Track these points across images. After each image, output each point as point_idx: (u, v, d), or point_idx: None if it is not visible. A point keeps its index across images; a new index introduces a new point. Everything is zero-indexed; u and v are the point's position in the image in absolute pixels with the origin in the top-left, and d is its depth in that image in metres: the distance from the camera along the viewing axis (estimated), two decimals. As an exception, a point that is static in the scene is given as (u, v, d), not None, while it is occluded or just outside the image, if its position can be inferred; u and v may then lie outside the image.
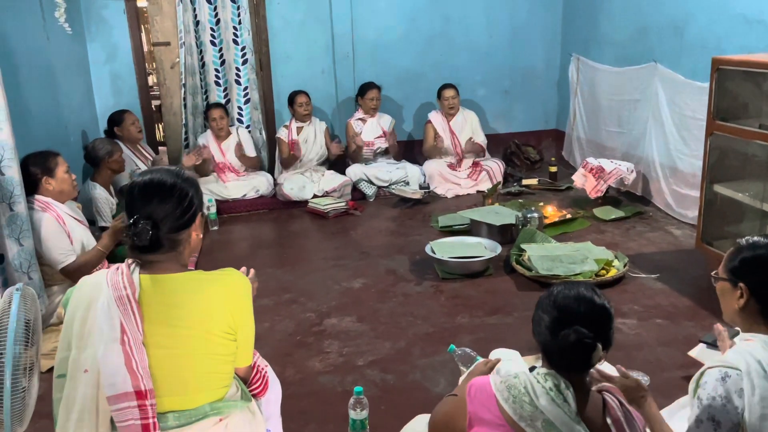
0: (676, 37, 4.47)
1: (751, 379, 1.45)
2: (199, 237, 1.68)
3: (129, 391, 1.49)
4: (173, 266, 1.60)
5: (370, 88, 5.51)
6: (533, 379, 1.49)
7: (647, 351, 2.89)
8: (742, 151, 3.48)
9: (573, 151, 5.98)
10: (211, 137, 5.34)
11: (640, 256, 3.93)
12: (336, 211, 4.98)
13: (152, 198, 1.56)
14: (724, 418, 1.46)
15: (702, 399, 1.50)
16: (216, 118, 5.22)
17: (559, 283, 1.61)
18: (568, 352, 1.46)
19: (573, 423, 1.42)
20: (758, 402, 1.43)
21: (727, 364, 1.50)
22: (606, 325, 1.50)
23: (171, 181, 1.59)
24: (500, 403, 1.48)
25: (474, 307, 3.37)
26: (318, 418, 2.50)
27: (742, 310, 1.57)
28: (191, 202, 1.60)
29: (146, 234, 1.52)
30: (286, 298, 3.59)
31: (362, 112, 5.60)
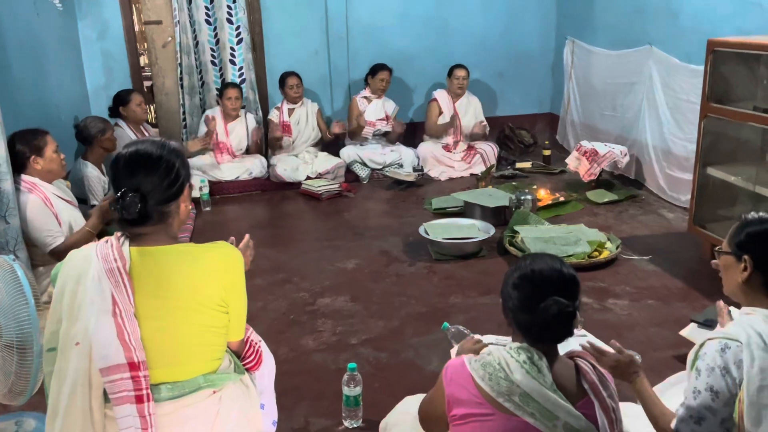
0: (670, 19, 4.46)
1: (750, 351, 1.46)
2: (188, 208, 1.67)
3: (122, 363, 1.48)
4: (163, 238, 1.59)
5: (382, 69, 5.47)
6: (506, 354, 1.51)
7: (639, 331, 2.91)
8: (735, 133, 3.49)
9: (567, 134, 5.98)
10: (219, 115, 5.29)
11: (633, 239, 3.94)
12: (329, 193, 4.96)
13: (138, 170, 1.54)
14: (723, 388, 1.47)
15: (701, 370, 1.51)
16: (232, 98, 5.18)
17: (519, 259, 1.63)
18: (550, 324, 1.48)
19: (549, 393, 1.45)
20: (757, 373, 1.44)
21: (728, 335, 1.51)
22: (577, 292, 1.53)
23: (157, 152, 1.57)
24: (477, 382, 1.50)
25: (467, 288, 3.38)
26: (312, 394, 2.51)
27: (745, 283, 1.58)
28: (178, 173, 1.58)
29: (134, 207, 1.50)
30: (279, 277, 3.59)
31: (369, 92, 5.55)
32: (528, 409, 1.45)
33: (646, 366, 2.60)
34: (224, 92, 5.23)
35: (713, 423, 1.48)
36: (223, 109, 5.26)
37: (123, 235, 1.58)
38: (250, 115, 5.46)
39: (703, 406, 1.49)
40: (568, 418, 1.45)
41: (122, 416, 1.47)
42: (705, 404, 1.49)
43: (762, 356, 1.45)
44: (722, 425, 1.48)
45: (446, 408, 1.57)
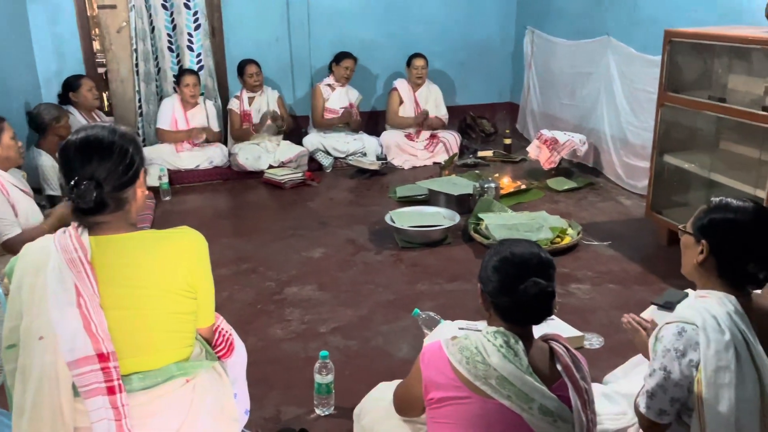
0: (628, 10, 4.56)
1: (706, 334, 1.51)
2: (144, 194, 1.63)
3: (90, 355, 1.44)
4: (122, 226, 1.55)
5: (347, 57, 5.43)
6: (483, 338, 1.53)
7: (601, 314, 2.99)
8: (690, 122, 3.60)
9: (527, 123, 6.07)
10: (177, 103, 5.17)
11: (593, 225, 4.04)
12: (293, 182, 4.92)
13: (91, 157, 1.49)
14: (675, 369, 1.53)
15: (658, 351, 1.58)
16: (189, 85, 5.07)
17: (496, 244, 1.66)
18: (531, 305, 1.52)
19: (525, 376, 1.48)
20: (713, 355, 1.50)
21: (684, 319, 1.57)
22: (554, 274, 1.57)
23: (109, 137, 1.52)
24: (454, 366, 1.52)
25: (434, 275, 3.40)
26: (282, 383, 2.50)
27: (701, 265, 1.63)
28: (132, 158, 1.54)
29: (90, 194, 1.46)
30: (244, 267, 3.55)
31: (333, 79, 5.51)
32: (504, 392, 1.47)
33: (608, 347, 2.70)
34: (181, 79, 5.12)
35: (663, 400, 1.56)
36: (181, 96, 5.15)
37: (80, 225, 1.53)
38: (209, 102, 5.36)
39: (656, 384, 1.56)
40: (543, 400, 1.48)
41: (94, 409, 1.43)
42: (658, 382, 1.56)
43: (717, 338, 1.50)
44: (672, 404, 1.56)
45: (423, 391, 1.58)
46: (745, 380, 1.49)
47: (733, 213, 1.59)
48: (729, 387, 1.48)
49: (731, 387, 1.48)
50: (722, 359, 1.49)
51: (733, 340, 1.50)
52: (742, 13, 3.55)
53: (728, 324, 1.51)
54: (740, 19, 3.55)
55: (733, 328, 1.51)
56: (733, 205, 1.61)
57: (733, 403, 1.47)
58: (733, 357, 1.49)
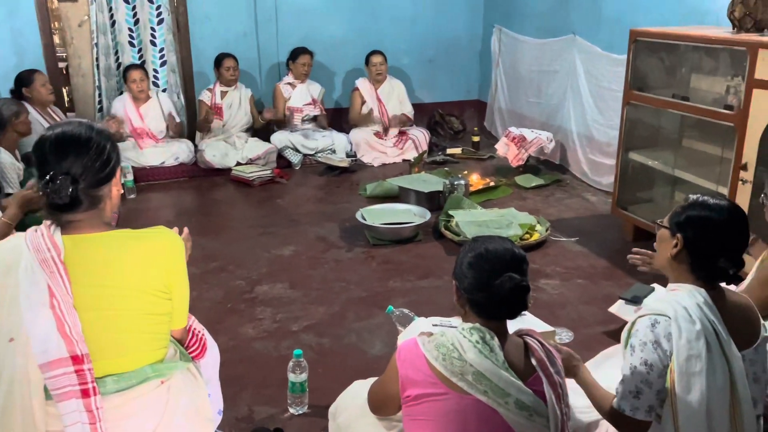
0: (594, 10, 4.64)
1: (678, 324, 1.55)
2: (120, 192, 1.61)
3: (64, 357, 1.41)
4: (96, 225, 1.52)
5: (303, 53, 5.39)
6: (459, 335, 1.54)
7: (570, 309, 3.04)
8: (655, 120, 3.68)
9: (494, 121, 6.12)
10: (128, 100, 5.07)
11: (560, 221, 4.10)
12: (262, 179, 4.87)
13: (68, 152, 1.46)
14: (655, 361, 1.56)
15: (635, 346, 1.59)
16: (136, 80, 4.97)
17: (470, 241, 1.66)
18: (507, 299, 1.53)
19: (501, 371, 1.49)
20: (685, 344, 1.54)
21: (657, 311, 1.60)
22: (526, 268, 1.59)
23: (86, 133, 1.49)
24: (430, 362, 1.52)
25: (405, 272, 3.41)
26: (255, 382, 2.48)
27: (674, 258, 1.66)
28: (110, 155, 1.52)
29: (66, 190, 1.42)
30: (213, 266, 3.50)
31: (292, 77, 5.47)
32: (481, 388, 1.48)
33: (578, 341, 2.74)
34: (127, 75, 5.02)
35: (650, 395, 1.57)
36: (130, 93, 5.05)
37: (53, 224, 1.49)
38: (163, 95, 5.25)
39: (640, 380, 1.57)
40: (519, 395, 1.49)
41: (67, 412, 1.39)
42: (641, 378, 1.57)
43: (688, 328, 1.54)
44: (658, 396, 1.57)
45: (400, 389, 1.58)
46: (716, 370, 1.53)
47: (709, 211, 1.64)
48: (700, 375, 1.52)
49: (702, 375, 1.52)
50: (693, 348, 1.53)
51: (704, 330, 1.54)
52: (704, 13, 3.64)
53: (698, 315, 1.56)
54: (703, 19, 3.64)
55: (704, 319, 1.55)
56: (710, 203, 1.65)
57: (704, 391, 1.51)
58: (703, 346, 1.53)
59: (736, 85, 3.02)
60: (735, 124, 2.91)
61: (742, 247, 1.63)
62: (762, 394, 1.65)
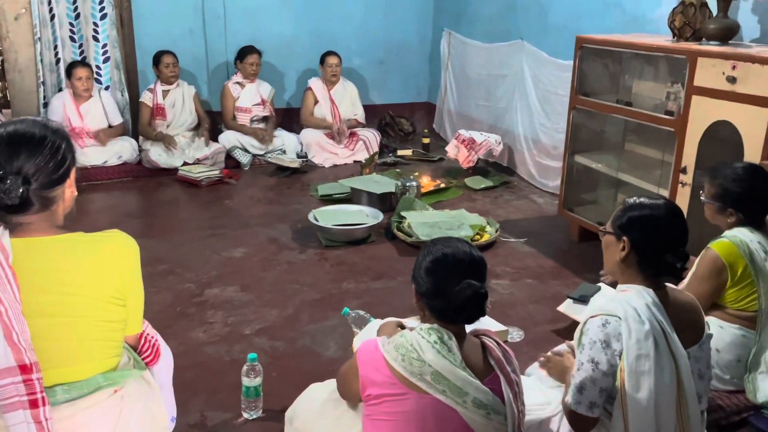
0: (540, 16, 4.75)
1: (628, 325, 1.61)
2: (74, 194, 1.55)
3: (11, 366, 1.34)
4: (47, 228, 1.46)
5: (251, 53, 5.31)
6: (418, 336, 1.55)
7: (520, 308, 3.10)
8: (599, 124, 3.80)
9: (444, 123, 6.19)
10: (69, 97, 4.89)
11: (509, 222, 4.18)
12: (210, 180, 4.78)
13: (20, 151, 1.39)
14: (602, 360, 1.61)
15: (584, 344, 1.65)
16: (82, 78, 4.80)
17: (428, 243, 1.66)
18: (465, 306, 1.53)
19: (459, 370, 1.51)
20: (634, 344, 1.59)
21: (608, 312, 1.65)
22: (485, 272, 1.60)
23: (40, 132, 1.43)
24: (389, 363, 1.53)
25: (359, 273, 3.41)
26: (207, 388, 2.42)
27: (623, 261, 1.72)
28: (65, 155, 1.46)
29: (16, 191, 1.36)
30: (161, 269, 3.41)
31: (241, 77, 5.38)
32: (439, 387, 1.50)
33: (528, 340, 2.80)
34: (72, 72, 4.84)
35: (593, 391, 1.62)
36: (73, 90, 4.87)
37: (1, 226, 1.42)
38: (105, 93, 5.10)
39: (585, 376, 1.63)
40: (476, 393, 1.51)
41: (14, 423, 1.33)
42: (587, 375, 1.63)
43: (638, 328, 1.60)
44: (601, 394, 1.63)
45: (360, 388, 1.59)
46: (663, 368, 1.59)
47: (649, 209, 1.71)
48: (648, 374, 1.58)
49: (650, 374, 1.57)
50: (642, 348, 1.59)
51: (652, 330, 1.60)
52: (647, 22, 3.79)
53: (647, 315, 1.62)
54: (645, 27, 3.79)
55: (652, 319, 1.62)
56: (647, 202, 1.72)
57: (652, 389, 1.57)
58: (652, 345, 1.59)
59: (676, 92, 3.15)
60: (675, 129, 3.03)
61: (684, 241, 1.70)
62: (706, 390, 1.73)
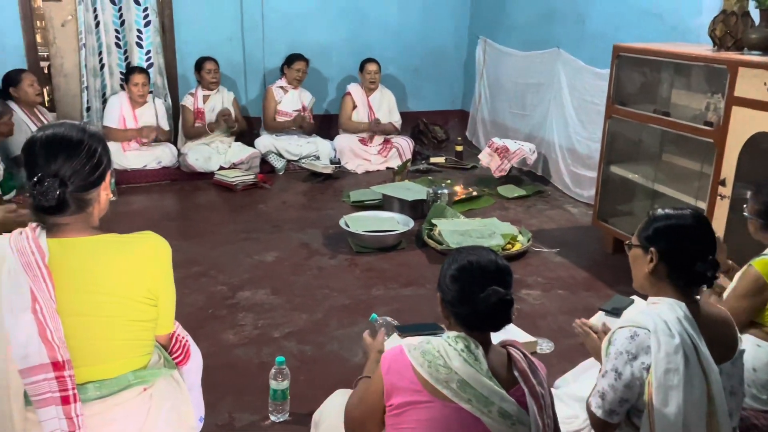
0: (578, 24, 4.70)
1: (657, 338, 1.58)
2: (109, 197, 1.59)
3: (45, 363, 1.38)
4: (82, 229, 1.50)
5: (299, 59, 5.40)
6: (445, 343, 1.54)
7: (551, 319, 3.06)
8: (636, 134, 3.74)
9: (477, 131, 6.17)
10: (125, 101, 5.04)
11: (541, 232, 4.14)
12: (244, 184, 4.85)
13: (57, 154, 1.43)
14: (626, 372, 1.59)
15: (611, 353, 1.63)
16: (139, 84, 4.96)
17: (453, 252, 1.66)
18: (491, 313, 1.53)
19: (485, 379, 1.50)
20: (663, 358, 1.56)
21: (637, 324, 1.63)
22: (511, 280, 1.58)
23: (77, 136, 1.47)
24: (416, 369, 1.52)
25: (388, 280, 3.42)
26: (235, 389, 2.46)
27: (652, 273, 1.69)
28: (100, 159, 1.50)
29: (53, 192, 1.40)
30: (194, 271, 3.47)
31: (285, 82, 5.47)
32: (465, 396, 1.48)
33: (558, 352, 2.77)
34: (130, 78, 4.99)
35: (614, 400, 1.61)
36: (129, 95, 5.02)
37: (39, 226, 1.47)
38: (159, 101, 5.24)
39: (607, 384, 1.62)
40: (502, 403, 1.49)
41: (46, 419, 1.37)
42: (609, 383, 1.61)
43: (667, 342, 1.57)
44: (621, 403, 1.61)
45: (384, 398, 1.57)
46: (693, 383, 1.56)
47: (675, 219, 1.68)
48: (677, 389, 1.54)
49: (679, 389, 1.54)
50: (671, 362, 1.55)
51: (682, 344, 1.57)
52: (686, 31, 3.72)
53: (678, 329, 1.58)
54: (684, 37, 3.72)
55: (683, 333, 1.58)
56: (672, 212, 1.70)
57: (681, 404, 1.54)
58: (682, 360, 1.55)
59: (715, 102, 3.08)
60: (714, 140, 2.96)
61: (713, 248, 1.66)
62: (738, 407, 1.68)
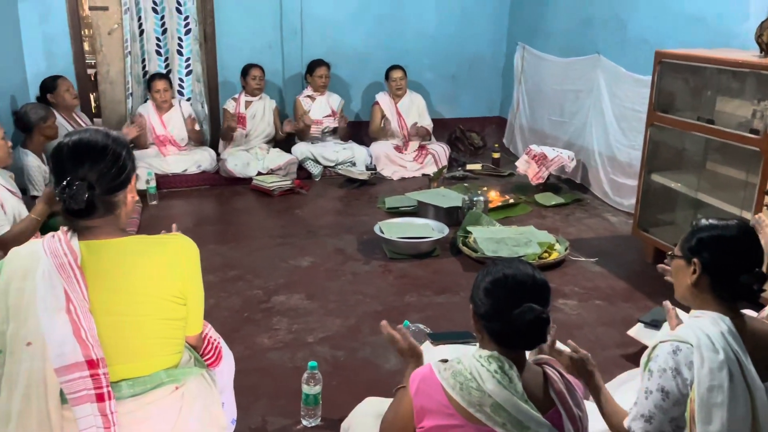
0: (619, 30, 4.62)
1: (701, 353, 1.51)
2: (135, 199, 1.63)
3: (80, 361, 1.42)
4: (112, 231, 1.54)
5: (319, 66, 5.44)
6: (477, 363, 1.48)
7: (588, 330, 3.00)
8: (678, 142, 3.65)
9: (515, 138, 6.11)
10: (152, 108, 5.15)
11: (579, 241, 4.06)
12: (281, 189, 4.90)
13: (84, 159, 1.48)
14: (672, 389, 1.53)
15: (653, 371, 1.57)
16: (160, 90, 5.05)
17: (489, 263, 1.60)
18: (525, 331, 1.47)
19: (521, 403, 1.43)
20: (707, 374, 1.50)
21: (679, 338, 1.56)
22: (549, 296, 1.53)
23: (102, 141, 1.52)
24: (447, 391, 1.46)
25: (422, 287, 3.40)
26: (269, 393, 2.48)
27: (695, 285, 1.64)
28: (125, 163, 1.54)
29: (82, 195, 1.45)
30: (231, 274, 3.52)
31: (311, 90, 5.52)
32: (499, 420, 1.42)
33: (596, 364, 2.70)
34: (152, 85, 5.10)
35: (663, 421, 1.54)
36: (154, 102, 5.13)
37: (70, 229, 1.52)
38: (185, 103, 5.33)
39: (653, 406, 1.54)
40: (538, 428, 1.43)
41: (82, 416, 1.40)
42: (656, 403, 1.54)
43: (711, 357, 1.50)
44: (671, 423, 1.54)
45: (414, 420, 1.52)
46: (738, 401, 1.49)
47: (719, 230, 1.63)
48: (721, 407, 1.48)
49: (723, 407, 1.48)
50: (715, 378, 1.49)
51: (727, 360, 1.51)
52: (730, 36, 3.61)
53: (722, 344, 1.52)
54: (729, 42, 3.61)
55: (727, 348, 1.52)
56: (716, 223, 1.65)
57: (725, 422, 1.48)
58: (726, 377, 1.49)
59: (762, 109, 2.99)
60: (761, 148, 2.87)
61: (759, 261, 1.60)
62: (784, 426, 1.61)
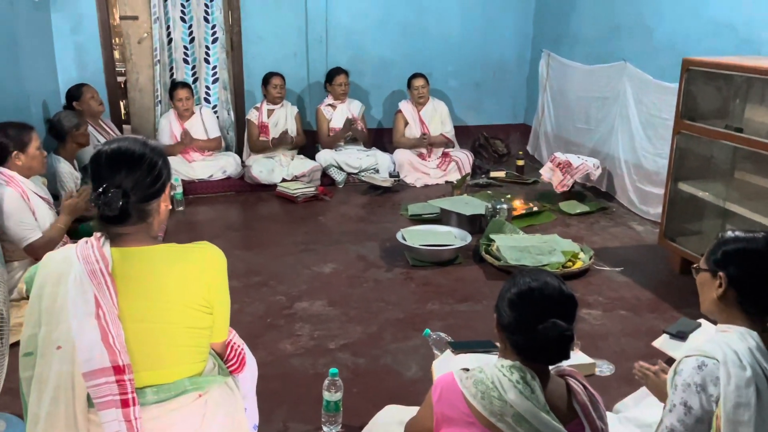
0: (645, 37, 4.57)
1: (727, 369, 1.49)
2: (168, 208, 1.66)
3: (106, 367, 1.45)
4: (143, 239, 1.57)
5: (338, 74, 5.48)
6: (499, 372, 1.48)
7: (612, 341, 2.97)
8: (706, 150, 3.59)
9: (539, 145, 6.07)
10: (173, 116, 5.25)
11: (604, 250, 4.02)
12: (305, 196, 4.94)
13: (121, 167, 1.52)
14: (696, 404, 1.50)
15: (677, 385, 1.54)
16: (182, 99, 5.14)
17: (516, 275, 1.58)
18: (548, 347, 1.46)
19: (542, 414, 1.42)
20: (733, 390, 1.47)
21: (705, 353, 1.54)
22: (575, 311, 1.51)
23: (139, 149, 1.55)
24: (468, 400, 1.46)
25: (444, 295, 3.40)
26: (290, 399, 2.49)
27: (720, 299, 1.61)
28: (160, 172, 1.57)
29: (116, 202, 1.48)
30: (255, 280, 3.55)
31: (332, 98, 5.57)
32: (521, 430, 1.42)
33: (619, 375, 2.67)
34: (174, 93, 5.17)
35: None
36: (176, 110, 5.20)
37: (103, 236, 1.55)
38: (206, 110, 5.40)
39: (676, 420, 1.53)
40: None
41: (107, 421, 1.43)
42: (678, 418, 1.52)
43: (738, 374, 1.48)
44: None
45: (434, 427, 1.53)
46: (765, 419, 1.46)
47: (745, 242, 1.60)
48: (748, 425, 1.45)
49: (750, 425, 1.45)
50: (742, 396, 1.46)
51: (755, 376, 1.48)
52: (761, 44, 3.55)
53: (750, 360, 1.49)
54: (758, 50, 3.55)
55: (755, 365, 1.49)
56: (743, 235, 1.63)
57: (751, 441, 1.45)
58: (753, 394, 1.46)
59: (793, 118, 2.93)
60: (791, 157, 2.81)
61: None
62: (812, 444, 1.58)
